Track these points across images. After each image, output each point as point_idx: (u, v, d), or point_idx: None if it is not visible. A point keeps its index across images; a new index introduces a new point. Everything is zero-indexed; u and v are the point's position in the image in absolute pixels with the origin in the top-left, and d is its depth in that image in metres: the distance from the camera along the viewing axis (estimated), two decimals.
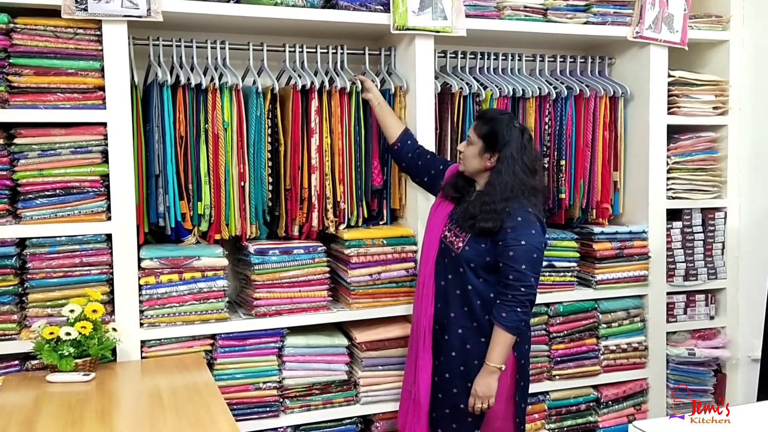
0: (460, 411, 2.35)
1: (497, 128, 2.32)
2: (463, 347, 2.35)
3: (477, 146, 2.34)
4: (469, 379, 2.32)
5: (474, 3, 2.81)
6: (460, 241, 2.34)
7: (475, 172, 2.38)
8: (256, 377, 2.57)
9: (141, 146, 2.51)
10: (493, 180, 2.31)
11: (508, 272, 2.23)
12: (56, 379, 2.16)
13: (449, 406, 2.38)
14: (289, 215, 2.69)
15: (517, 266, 2.22)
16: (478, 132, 2.35)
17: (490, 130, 2.33)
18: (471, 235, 2.32)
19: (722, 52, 3.25)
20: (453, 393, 2.36)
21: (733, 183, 3.25)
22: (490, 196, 2.29)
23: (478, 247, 2.31)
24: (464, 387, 2.33)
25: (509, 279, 2.22)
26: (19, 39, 2.29)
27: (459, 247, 2.33)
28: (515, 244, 2.23)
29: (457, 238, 2.35)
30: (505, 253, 2.24)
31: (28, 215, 2.33)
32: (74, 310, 2.25)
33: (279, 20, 2.59)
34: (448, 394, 2.38)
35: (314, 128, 2.66)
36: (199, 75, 2.55)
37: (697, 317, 3.24)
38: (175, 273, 2.47)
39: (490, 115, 2.39)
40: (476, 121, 2.42)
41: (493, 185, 2.31)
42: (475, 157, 2.35)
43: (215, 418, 1.86)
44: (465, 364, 2.34)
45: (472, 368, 2.32)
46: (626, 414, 3.11)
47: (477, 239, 2.31)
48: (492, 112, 2.48)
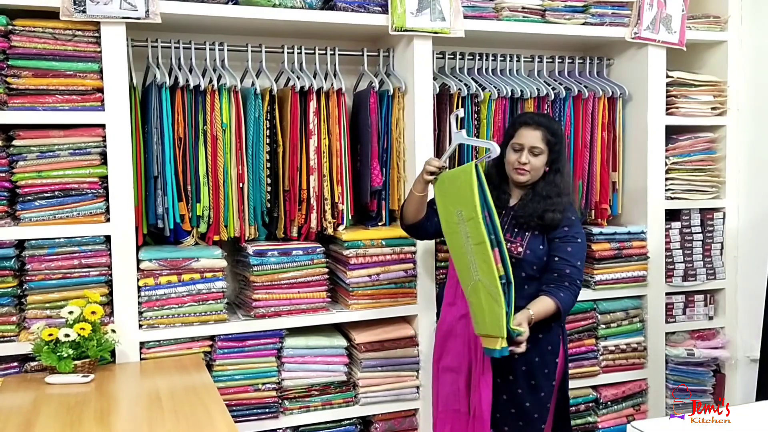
0: (526, 409, 2.33)
1: (559, 131, 2.34)
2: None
3: (545, 155, 2.32)
4: (533, 378, 2.31)
5: (472, 4, 2.81)
6: (518, 245, 2.32)
7: (535, 179, 2.36)
8: (255, 378, 2.57)
9: (140, 148, 2.51)
10: (553, 180, 2.32)
11: (564, 267, 2.27)
12: (55, 381, 2.16)
13: (515, 405, 2.34)
14: (287, 216, 2.69)
15: (573, 261, 2.27)
16: (545, 140, 2.31)
17: (555, 136, 2.32)
18: (529, 237, 2.31)
19: (720, 52, 3.25)
20: (518, 393, 2.33)
21: (732, 183, 3.25)
22: (551, 194, 2.30)
23: (536, 249, 2.30)
24: (528, 386, 2.32)
25: (566, 272, 2.26)
26: (18, 41, 2.29)
27: (520, 252, 2.31)
28: (573, 241, 2.29)
29: (512, 243, 2.32)
30: (563, 249, 2.28)
31: (27, 217, 2.33)
32: (73, 312, 2.26)
33: (277, 22, 2.59)
34: (513, 395, 2.34)
35: (312, 129, 2.66)
36: (198, 76, 2.56)
37: (696, 318, 3.25)
38: (174, 274, 2.48)
39: (547, 122, 2.34)
40: (535, 130, 2.31)
41: (552, 184, 2.32)
42: (543, 165, 2.33)
43: (214, 419, 1.86)
44: (527, 362, 2.31)
45: (533, 366, 2.31)
46: (625, 414, 3.11)
47: (534, 241, 2.31)
48: (541, 118, 2.37)
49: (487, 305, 2.12)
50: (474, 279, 2.17)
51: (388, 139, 2.78)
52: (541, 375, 2.33)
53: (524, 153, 2.31)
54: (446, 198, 2.28)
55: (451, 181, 2.26)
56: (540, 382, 2.33)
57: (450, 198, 2.26)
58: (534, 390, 2.33)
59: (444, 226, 2.29)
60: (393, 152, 2.79)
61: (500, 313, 2.08)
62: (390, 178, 2.81)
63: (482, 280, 2.14)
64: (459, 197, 2.20)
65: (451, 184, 2.26)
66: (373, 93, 2.74)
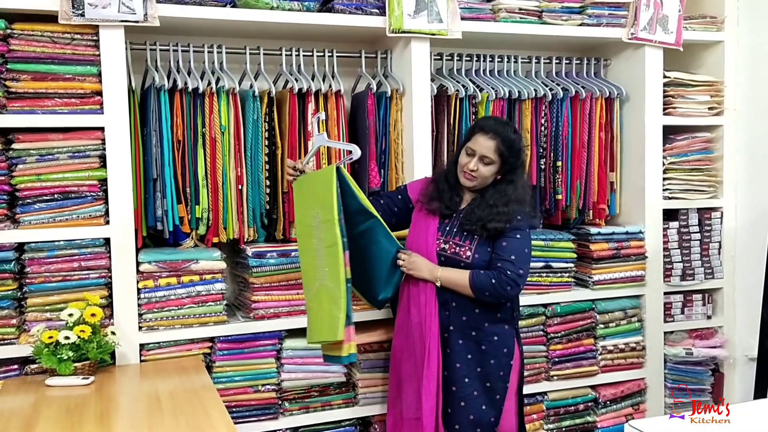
0: (483, 413, 2.34)
1: (515, 145, 2.33)
2: (477, 348, 2.35)
3: (496, 165, 2.33)
4: (488, 380, 2.33)
5: (469, 5, 2.82)
6: (467, 249, 2.34)
7: (483, 186, 2.38)
8: (254, 380, 2.58)
9: (139, 150, 2.52)
10: (504, 189, 2.33)
11: (497, 260, 2.30)
12: (55, 383, 2.17)
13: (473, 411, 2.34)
14: (286, 218, 2.70)
15: (505, 255, 2.29)
16: (498, 152, 2.30)
17: (510, 149, 2.31)
18: (477, 241, 2.33)
19: (717, 52, 3.26)
20: (474, 396, 2.34)
21: (729, 183, 3.26)
22: (498, 202, 2.31)
23: (484, 253, 2.33)
24: (483, 388, 2.34)
25: (497, 265, 2.29)
26: (17, 44, 2.30)
27: (468, 256, 2.33)
28: (510, 237, 2.31)
29: (461, 247, 2.35)
30: (499, 245, 2.31)
31: (27, 220, 2.34)
32: (73, 314, 2.26)
33: (275, 24, 2.60)
34: (470, 399, 2.34)
35: (311, 131, 2.67)
36: (196, 79, 2.56)
37: (695, 317, 3.25)
38: (174, 276, 2.48)
39: (504, 133, 2.31)
40: (490, 140, 2.30)
41: (502, 193, 2.33)
42: (492, 175, 2.34)
43: (214, 421, 1.86)
44: (482, 364, 2.35)
45: (489, 367, 2.33)
46: (624, 414, 3.11)
47: (482, 245, 2.33)
48: (501, 127, 2.34)
49: (327, 310, 2.16)
50: (318, 284, 2.21)
51: (386, 140, 2.79)
52: (495, 377, 2.34)
53: (474, 160, 2.32)
54: (303, 200, 2.33)
55: (310, 183, 2.32)
56: (495, 383, 2.35)
57: (307, 200, 2.31)
58: (489, 391, 2.34)
59: (298, 228, 2.33)
60: (391, 154, 2.80)
61: (339, 317, 2.12)
62: (388, 179, 2.82)
63: (326, 284, 2.18)
64: (316, 199, 2.24)
65: (309, 186, 2.31)
66: (371, 95, 2.75)
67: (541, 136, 2.99)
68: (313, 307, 2.23)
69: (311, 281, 2.28)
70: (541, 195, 3.01)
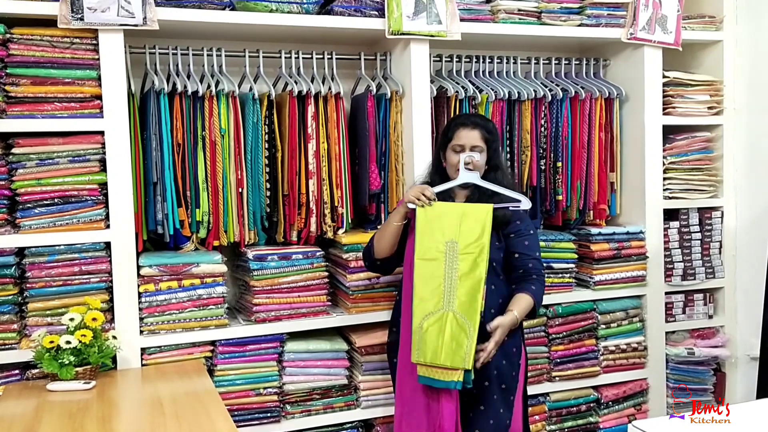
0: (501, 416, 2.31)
1: (493, 128, 2.41)
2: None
3: (485, 151, 2.39)
4: (503, 381, 2.31)
5: (468, 7, 2.82)
6: None
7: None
8: (256, 383, 2.58)
9: (139, 154, 2.51)
10: (495, 177, 2.38)
11: (527, 261, 2.34)
12: (57, 388, 2.17)
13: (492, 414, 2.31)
14: (287, 221, 2.70)
15: (533, 254, 2.35)
16: (484, 138, 2.36)
17: (491, 132, 2.39)
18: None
19: (716, 52, 3.27)
20: (493, 400, 2.31)
21: (729, 182, 3.26)
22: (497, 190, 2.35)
23: (492, 245, 2.29)
24: (499, 389, 2.31)
25: (529, 266, 2.33)
26: (16, 49, 2.30)
27: None
28: (527, 234, 2.36)
29: None
30: (521, 244, 2.35)
31: (27, 224, 2.34)
32: (74, 319, 2.26)
33: (274, 27, 2.60)
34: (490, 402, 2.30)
35: (311, 134, 2.67)
36: (196, 82, 2.56)
37: (696, 317, 3.25)
38: (175, 280, 2.48)
39: (484, 123, 2.41)
40: (472, 130, 2.36)
41: (495, 181, 2.37)
42: (484, 164, 2.39)
43: (216, 424, 1.86)
44: (497, 365, 2.29)
45: (503, 367, 2.30)
46: (627, 414, 3.11)
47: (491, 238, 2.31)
48: (475, 117, 2.45)
49: (450, 337, 2.18)
50: (444, 308, 2.22)
51: (386, 142, 2.79)
52: (509, 377, 2.33)
53: (467, 152, 2.36)
54: (431, 225, 2.30)
55: (451, 211, 2.30)
56: (510, 384, 2.34)
57: (440, 227, 2.28)
58: (504, 393, 2.33)
59: (419, 251, 2.28)
60: (391, 155, 2.80)
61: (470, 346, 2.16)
62: (388, 181, 2.82)
63: (456, 312, 2.21)
64: (458, 230, 2.26)
65: (448, 213, 2.29)
66: (371, 97, 2.74)
67: (541, 137, 2.99)
68: (430, 330, 2.22)
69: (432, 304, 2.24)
70: (542, 196, 3.01)
